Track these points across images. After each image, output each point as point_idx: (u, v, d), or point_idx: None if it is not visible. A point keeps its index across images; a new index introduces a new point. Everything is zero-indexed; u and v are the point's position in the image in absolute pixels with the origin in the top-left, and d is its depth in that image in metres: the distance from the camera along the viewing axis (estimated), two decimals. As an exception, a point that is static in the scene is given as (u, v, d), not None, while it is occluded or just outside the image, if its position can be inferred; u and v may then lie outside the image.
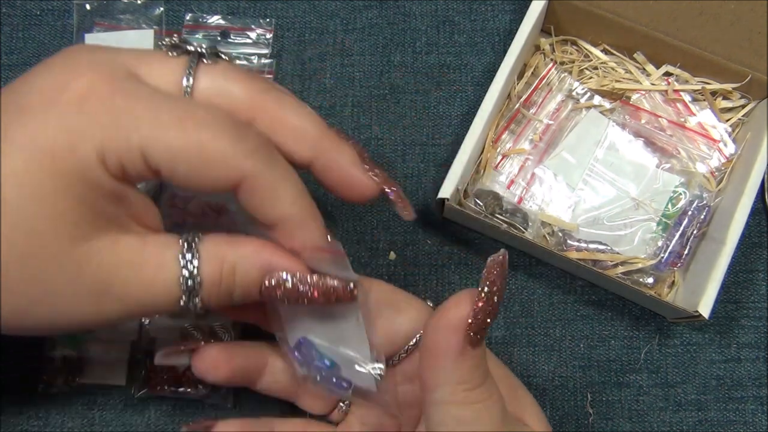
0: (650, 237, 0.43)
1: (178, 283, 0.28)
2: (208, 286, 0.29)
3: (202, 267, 0.28)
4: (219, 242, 0.29)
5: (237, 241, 0.30)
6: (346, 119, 0.47)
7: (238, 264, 0.29)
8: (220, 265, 0.29)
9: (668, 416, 0.42)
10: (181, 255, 0.28)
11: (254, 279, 0.30)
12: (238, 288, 0.29)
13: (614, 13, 0.44)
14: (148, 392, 0.41)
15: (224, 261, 0.29)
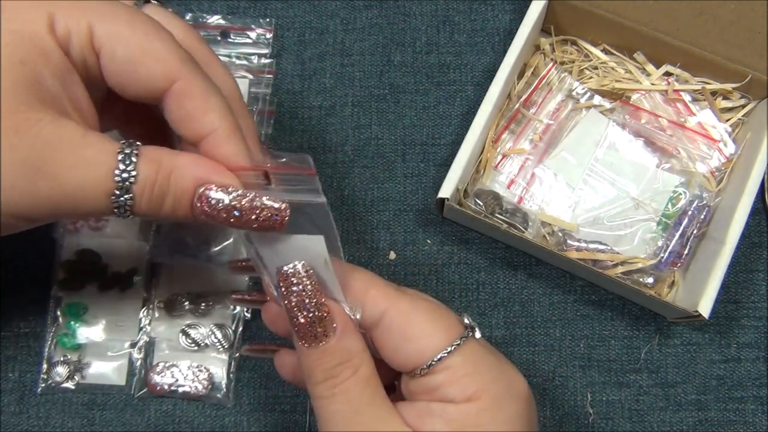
0: (650, 237, 0.43)
1: (113, 174, 0.27)
2: (141, 184, 0.28)
3: (139, 164, 0.28)
4: (159, 149, 0.29)
5: (177, 152, 0.29)
6: (346, 119, 0.47)
7: (175, 170, 0.29)
8: (157, 167, 0.28)
9: (668, 416, 0.42)
10: (119, 150, 0.28)
11: (187, 188, 0.29)
12: (171, 195, 0.29)
13: (614, 13, 0.44)
14: (148, 392, 0.41)
15: (161, 164, 0.29)
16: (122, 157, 0.28)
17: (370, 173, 0.46)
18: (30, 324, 0.42)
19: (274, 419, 0.41)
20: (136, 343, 0.42)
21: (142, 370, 0.41)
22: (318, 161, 0.46)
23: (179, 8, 0.48)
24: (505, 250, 0.44)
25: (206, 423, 0.41)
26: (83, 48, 0.28)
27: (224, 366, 0.41)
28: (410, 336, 0.30)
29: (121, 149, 0.28)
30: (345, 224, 0.45)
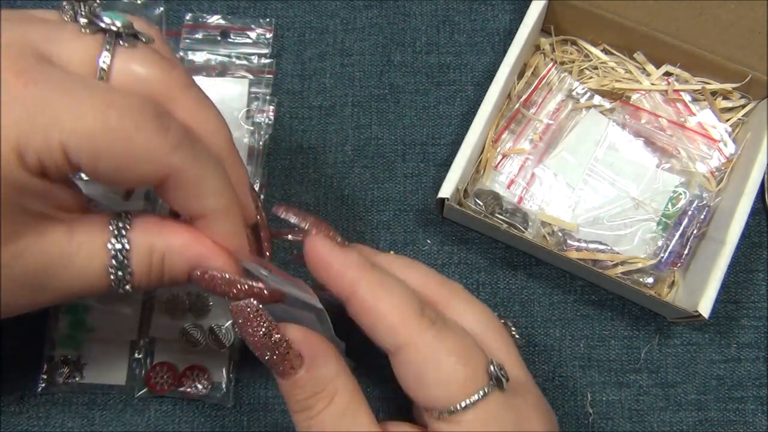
0: (650, 237, 0.43)
1: (108, 272, 0.28)
2: (137, 276, 0.28)
3: (132, 257, 0.28)
4: (148, 230, 0.29)
5: (167, 230, 0.29)
6: (346, 119, 0.47)
7: (167, 255, 0.29)
8: (149, 255, 0.28)
9: (668, 416, 0.42)
10: (110, 244, 0.28)
11: (182, 271, 0.29)
12: (167, 276, 0.29)
13: (614, 13, 0.44)
14: (148, 392, 0.41)
15: (153, 251, 0.28)
16: (114, 253, 0.28)
17: (370, 173, 0.46)
18: (30, 324, 0.42)
19: (274, 419, 0.41)
20: (136, 343, 0.41)
21: (142, 370, 0.41)
22: (318, 161, 0.46)
23: (179, 8, 0.48)
24: (505, 250, 0.44)
25: (206, 423, 0.41)
26: (60, 167, 0.25)
27: (224, 366, 0.41)
28: (425, 382, 0.28)
29: (111, 245, 0.28)
30: (345, 224, 0.45)
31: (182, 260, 0.29)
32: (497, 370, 0.28)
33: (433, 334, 0.28)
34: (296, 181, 0.46)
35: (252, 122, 0.46)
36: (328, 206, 0.45)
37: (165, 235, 0.29)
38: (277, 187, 0.45)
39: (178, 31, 0.48)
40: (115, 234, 0.28)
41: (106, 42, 0.26)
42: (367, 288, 0.28)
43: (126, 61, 0.27)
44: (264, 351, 0.28)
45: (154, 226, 0.29)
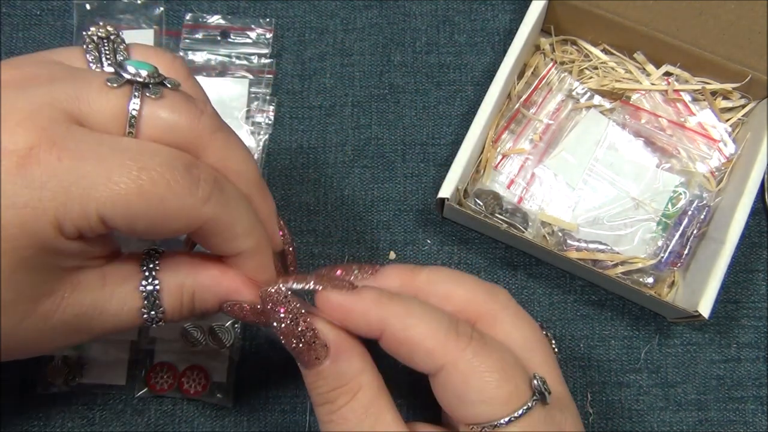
0: (650, 237, 0.43)
1: (140, 313, 0.29)
2: (169, 314, 0.30)
3: (163, 298, 0.29)
4: (178, 269, 0.30)
5: (196, 267, 0.30)
6: (346, 119, 0.47)
7: (197, 291, 0.30)
8: (180, 293, 0.30)
9: (668, 416, 0.42)
10: (141, 287, 0.29)
11: (212, 305, 0.31)
12: (198, 310, 0.30)
13: (614, 13, 0.44)
14: (148, 392, 0.41)
15: (183, 289, 0.30)
16: (146, 294, 0.29)
17: (370, 173, 0.46)
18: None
19: (274, 419, 0.41)
20: (136, 343, 0.41)
21: (142, 370, 0.41)
22: (318, 161, 0.46)
23: (179, 8, 0.48)
24: (505, 250, 0.44)
25: (206, 423, 0.41)
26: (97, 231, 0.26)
27: (224, 366, 0.41)
28: (467, 400, 0.28)
29: (143, 287, 0.29)
30: (345, 224, 0.45)
31: (212, 295, 0.30)
32: (540, 383, 0.28)
33: (472, 352, 0.28)
34: (296, 181, 0.46)
35: (252, 122, 0.46)
36: (328, 206, 0.45)
37: (194, 272, 0.30)
38: (277, 187, 0.45)
39: (178, 31, 0.48)
40: (146, 276, 0.29)
41: (132, 94, 0.27)
42: (395, 321, 0.28)
43: (154, 112, 0.27)
44: (290, 339, 0.29)
45: (184, 265, 0.30)
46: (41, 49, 0.47)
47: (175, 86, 0.28)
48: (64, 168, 0.24)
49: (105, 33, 0.30)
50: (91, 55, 0.30)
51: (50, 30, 0.48)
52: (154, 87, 0.27)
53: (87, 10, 0.47)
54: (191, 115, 0.28)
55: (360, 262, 0.32)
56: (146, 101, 0.27)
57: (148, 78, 0.27)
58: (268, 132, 0.46)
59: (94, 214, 0.25)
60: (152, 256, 0.30)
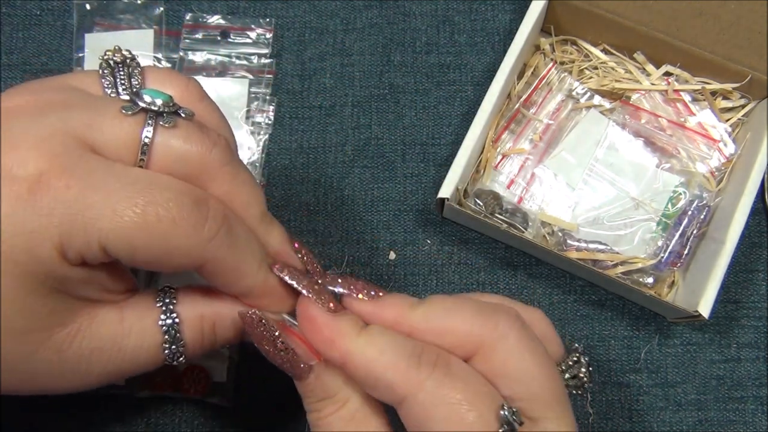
0: (650, 237, 0.43)
1: (161, 348, 0.29)
2: (190, 347, 0.30)
3: (184, 331, 0.29)
4: (196, 301, 0.30)
5: (214, 298, 0.30)
6: (346, 119, 0.47)
7: (218, 321, 0.30)
8: (200, 325, 0.29)
9: (668, 416, 0.42)
10: (161, 321, 0.29)
11: (234, 335, 0.31)
12: (220, 340, 0.30)
13: (614, 13, 0.44)
14: (148, 392, 0.41)
15: (203, 320, 0.30)
16: (166, 328, 0.29)
17: (370, 173, 0.46)
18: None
19: (274, 419, 0.41)
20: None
21: (142, 370, 0.41)
22: (318, 161, 0.46)
23: (179, 8, 0.48)
24: (505, 250, 0.44)
25: (206, 423, 0.41)
26: (100, 259, 0.26)
27: (224, 366, 0.41)
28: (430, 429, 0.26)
29: (162, 321, 0.29)
30: (345, 224, 0.45)
31: (233, 323, 0.30)
32: (509, 414, 0.26)
33: (433, 382, 0.26)
34: (296, 181, 0.46)
35: (252, 122, 0.46)
36: (328, 206, 0.45)
37: (213, 303, 0.30)
38: (277, 187, 0.45)
39: (178, 31, 0.48)
40: (164, 310, 0.29)
41: (146, 123, 0.27)
42: (357, 353, 0.27)
43: (166, 140, 0.27)
44: (272, 358, 0.29)
45: (201, 296, 0.30)
46: (41, 49, 0.47)
47: (189, 116, 0.29)
48: (72, 196, 0.25)
49: (120, 57, 0.30)
50: (106, 80, 0.30)
51: (50, 30, 0.48)
52: (168, 116, 0.27)
53: (87, 10, 0.47)
54: (203, 147, 0.28)
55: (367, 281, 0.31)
56: (159, 130, 0.27)
57: (162, 107, 0.27)
58: (268, 132, 0.46)
59: (96, 243, 0.25)
60: (167, 292, 0.30)
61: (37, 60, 0.47)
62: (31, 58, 0.47)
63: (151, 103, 0.27)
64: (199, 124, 0.29)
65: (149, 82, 0.30)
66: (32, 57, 0.47)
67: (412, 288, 0.44)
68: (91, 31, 0.47)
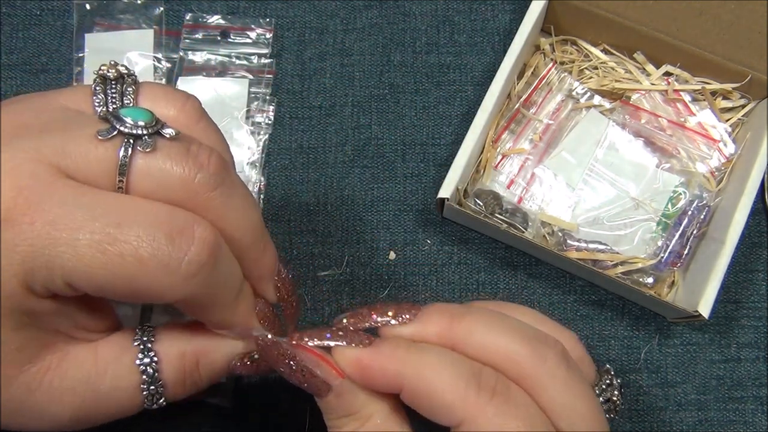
0: (650, 237, 0.43)
1: (139, 390, 0.27)
2: (171, 387, 0.28)
3: (163, 369, 0.27)
4: (176, 337, 0.28)
5: (196, 331, 0.29)
6: (346, 119, 0.47)
7: (201, 358, 0.28)
8: (182, 363, 0.28)
9: (668, 416, 0.42)
10: (138, 360, 0.27)
11: (221, 367, 0.29)
12: (205, 378, 0.29)
13: (614, 13, 0.44)
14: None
15: (185, 357, 0.28)
16: (143, 368, 0.27)
17: (370, 173, 0.46)
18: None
19: (274, 419, 0.41)
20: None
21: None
22: (318, 161, 0.46)
23: (179, 8, 0.48)
24: (505, 250, 0.44)
25: (206, 423, 0.41)
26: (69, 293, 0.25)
27: (224, 366, 0.41)
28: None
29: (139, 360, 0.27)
30: (345, 224, 0.45)
31: (218, 360, 0.29)
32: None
33: (494, 408, 0.26)
34: (296, 181, 0.46)
35: (252, 122, 0.46)
36: (328, 206, 0.45)
37: (195, 339, 0.28)
38: (277, 187, 0.45)
39: (178, 31, 0.48)
40: (141, 348, 0.27)
41: (123, 146, 0.25)
42: (413, 375, 0.27)
43: (144, 166, 0.25)
44: (291, 379, 0.28)
45: (182, 333, 0.29)
46: (41, 49, 0.47)
47: (173, 136, 0.26)
48: (35, 233, 0.23)
49: (115, 74, 0.28)
50: (97, 98, 0.28)
51: (50, 30, 0.48)
52: (147, 138, 0.25)
53: (87, 10, 0.47)
54: (187, 171, 0.26)
55: (397, 302, 0.29)
56: (137, 155, 0.25)
57: (142, 128, 0.25)
58: (268, 132, 0.46)
59: (60, 279, 0.24)
60: (146, 330, 0.28)
61: (37, 60, 0.47)
62: (31, 58, 0.47)
63: (129, 125, 0.25)
64: (186, 144, 0.27)
65: (142, 99, 0.28)
66: (32, 57, 0.47)
67: (412, 288, 0.44)
68: (91, 31, 0.47)
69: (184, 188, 0.26)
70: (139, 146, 0.25)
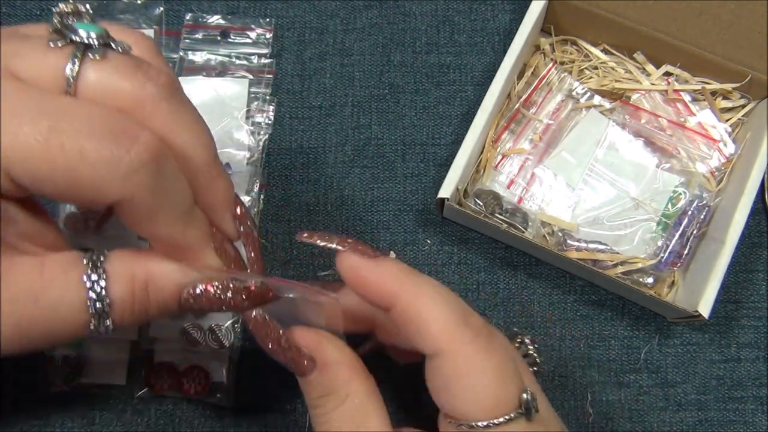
0: (650, 237, 0.43)
1: (86, 306, 0.26)
2: (119, 307, 0.27)
3: (111, 287, 0.26)
4: (127, 258, 0.27)
5: (147, 256, 0.28)
6: (346, 119, 0.47)
7: (151, 282, 0.27)
8: (131, 283, 0.27)
9: (668, 416, 0.42)
10: (86, 276, 0.26)
11: (171, 294, 0.28)
12: (154, 305, 0.28)
13: (614, 13, 0.44)
14: (148, 392, 0.41)
15: (135, 279, 0.27)
16: (90, 284, 0.26)
17: (370, 173, 0.46)
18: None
19: (274, 419, 0.41)
20: (136, 342, 0.41)
21: (141, 370, 0.41)
22: (318, 161, 0.46)
23: (179, 8, 0.48)
24: (505, 250, 0.44)
25: (206, 423, 0.41)
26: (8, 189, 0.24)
27: (224, 366, 0.41)
28: (453, 392, 0.27)
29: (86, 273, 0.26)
30: (345, 224, 0.45)
31: (169, 283, 0.28)
32: (530, 399, 0.27)
33: (475, 347, 0.27)
34: (296, 181, 0.46)
35: (252, 122, 0.46)
36: (328, 206, 0.45)
37: (145, 260, 0.27)
38: (277, 187, 0.45)
39: (178, 31, 0.48)
40: (90, 266, 0.26)
41: (73, 55, 0.25)
42: (407, 298, 0.28)
43: (93, 74, 0.25)
44: (277, 354, 0.29)
45: (133, 255, 0.28)
46: (41, 49, 0.47)
47: (125, 50, 0.26)
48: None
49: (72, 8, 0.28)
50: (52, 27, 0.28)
51: (50, 30, 0.48)
52: (99, 48, 0.26)
53: (87, 10, 0.47)
54: (135, 81, 0.26)
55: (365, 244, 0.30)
56: (87, 63, 0.25)
57: (92, 39, 0.26)
58: (268, 132, 0.46)
59: (2, 173, 0.23)
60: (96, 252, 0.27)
61: (37, 60, 0.47)
62: (31, 58, 0.47)
63: (81, 36, 0.25)
64: (136, 60, 0.27)
65: None
66: (32, 57, 0.47)
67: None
68: (91, 31, 0.47)
69: (132, 97, 0.26)
70: (90, 53, 0.25)
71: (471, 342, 0.27)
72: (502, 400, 0.27)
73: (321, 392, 0.29)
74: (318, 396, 0.29)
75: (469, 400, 0.27)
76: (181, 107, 0.27)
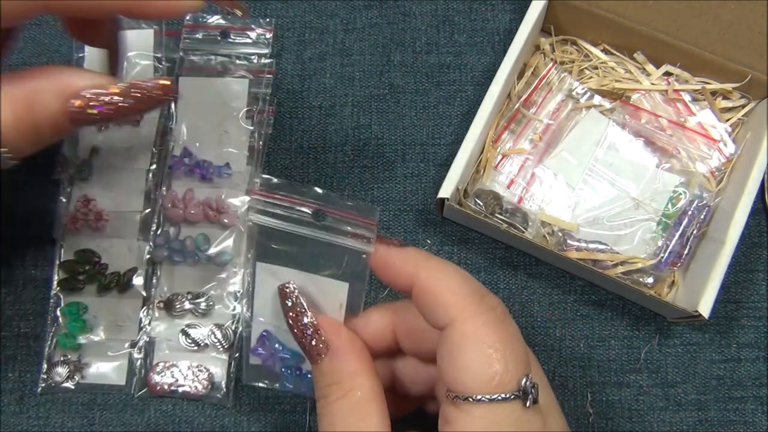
0: (650, 237, 0.43)
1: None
2: (10, 135, 0.26)
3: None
4: (6, 84, 0.26)
5: (27, 75, 0.27)
6: (346, 119, 0.47)
7: (34, 98, 0.27)
8: (13, 106, 0.26)
9: (668, 416, 0.42)
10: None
11: (57, 109, 0.27)
12: (43, 123, 0.27)
13: (614, 13, 0.44)
14: (148, 392, 0.41)
15: (16, 100, 0.26)
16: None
17: (370, 173, 0.46)
18: (30, 324, 0.42)
19: (274, 419, 0.41)
20: (136, 342, 0.42)
21: (142, 370, 0.41)
22: (318, 161, 0.46)
23: (179, 8, 0.48)
24: (505, 250, 0.44)
25: (206, 423, 0.41)
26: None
27: (224, 366, 0.41)
28: (455, 361, 0.27)
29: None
30: (345, 224, 0.45)
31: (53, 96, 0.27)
32: (530, 386, 0.27)
33: (485, 320, 0.27)
34: (296, 181, 0.46)
35: (252, 122, 0.46)
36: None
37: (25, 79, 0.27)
38: (277, 187, 0.45)
39: (178, 31, 0.48)
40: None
41: None
42: (426, 274, 0.29)
43: None
44: (295, 330, 0.30)
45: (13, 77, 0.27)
46: (41, 49, 0.47)
47: None
48: None
49: None
50: None
51: (50, 30, 0.48)
52: None
53: (87, 10, 0.47)
54: None
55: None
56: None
57: None
58: (268, 132, 0.46)
59: None
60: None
61: (37, 60, 0.47)
62: (31, 58, 0.47)
63: None
64: None
65: None
66: (32, 57, 0.47)
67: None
68: (91, 31, 0.47)
69: None
70: None
71: (483, 314, 0.28)
72: (502, 378, 0.27)
73: (328, 381, 0.30)
74: (325, 385, 0.30)
75: (468, 368, 0.27)
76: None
